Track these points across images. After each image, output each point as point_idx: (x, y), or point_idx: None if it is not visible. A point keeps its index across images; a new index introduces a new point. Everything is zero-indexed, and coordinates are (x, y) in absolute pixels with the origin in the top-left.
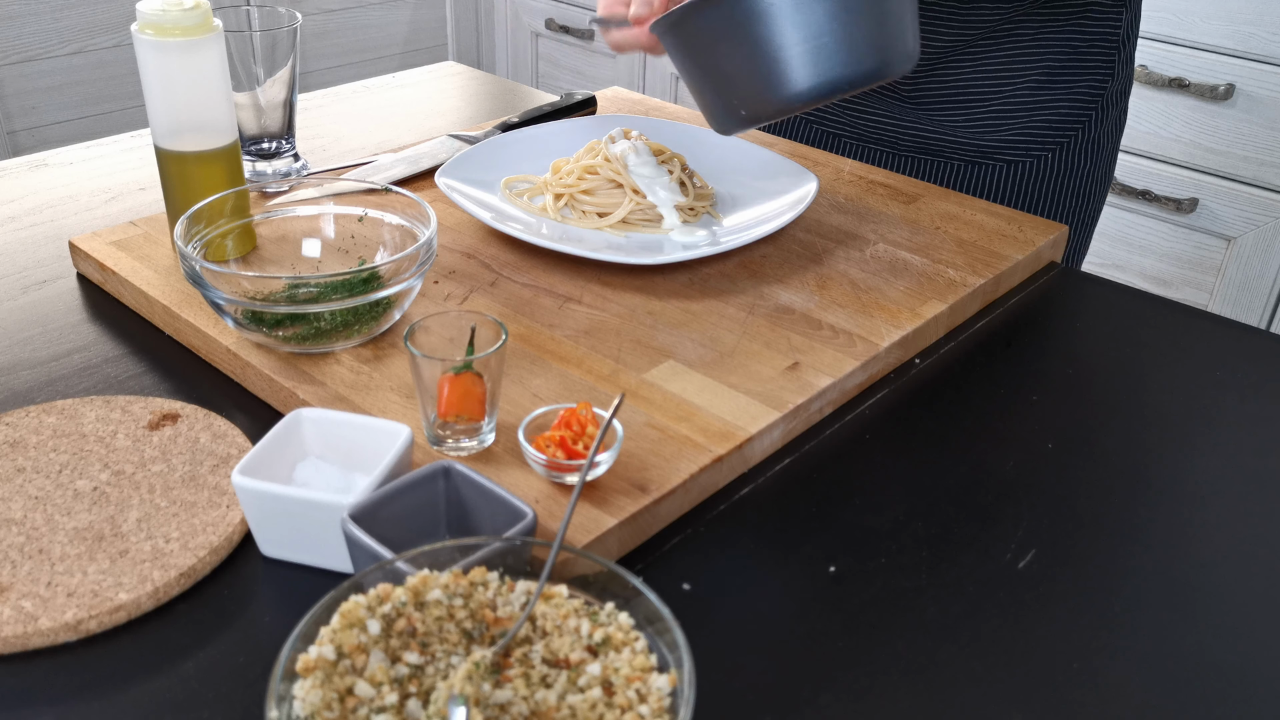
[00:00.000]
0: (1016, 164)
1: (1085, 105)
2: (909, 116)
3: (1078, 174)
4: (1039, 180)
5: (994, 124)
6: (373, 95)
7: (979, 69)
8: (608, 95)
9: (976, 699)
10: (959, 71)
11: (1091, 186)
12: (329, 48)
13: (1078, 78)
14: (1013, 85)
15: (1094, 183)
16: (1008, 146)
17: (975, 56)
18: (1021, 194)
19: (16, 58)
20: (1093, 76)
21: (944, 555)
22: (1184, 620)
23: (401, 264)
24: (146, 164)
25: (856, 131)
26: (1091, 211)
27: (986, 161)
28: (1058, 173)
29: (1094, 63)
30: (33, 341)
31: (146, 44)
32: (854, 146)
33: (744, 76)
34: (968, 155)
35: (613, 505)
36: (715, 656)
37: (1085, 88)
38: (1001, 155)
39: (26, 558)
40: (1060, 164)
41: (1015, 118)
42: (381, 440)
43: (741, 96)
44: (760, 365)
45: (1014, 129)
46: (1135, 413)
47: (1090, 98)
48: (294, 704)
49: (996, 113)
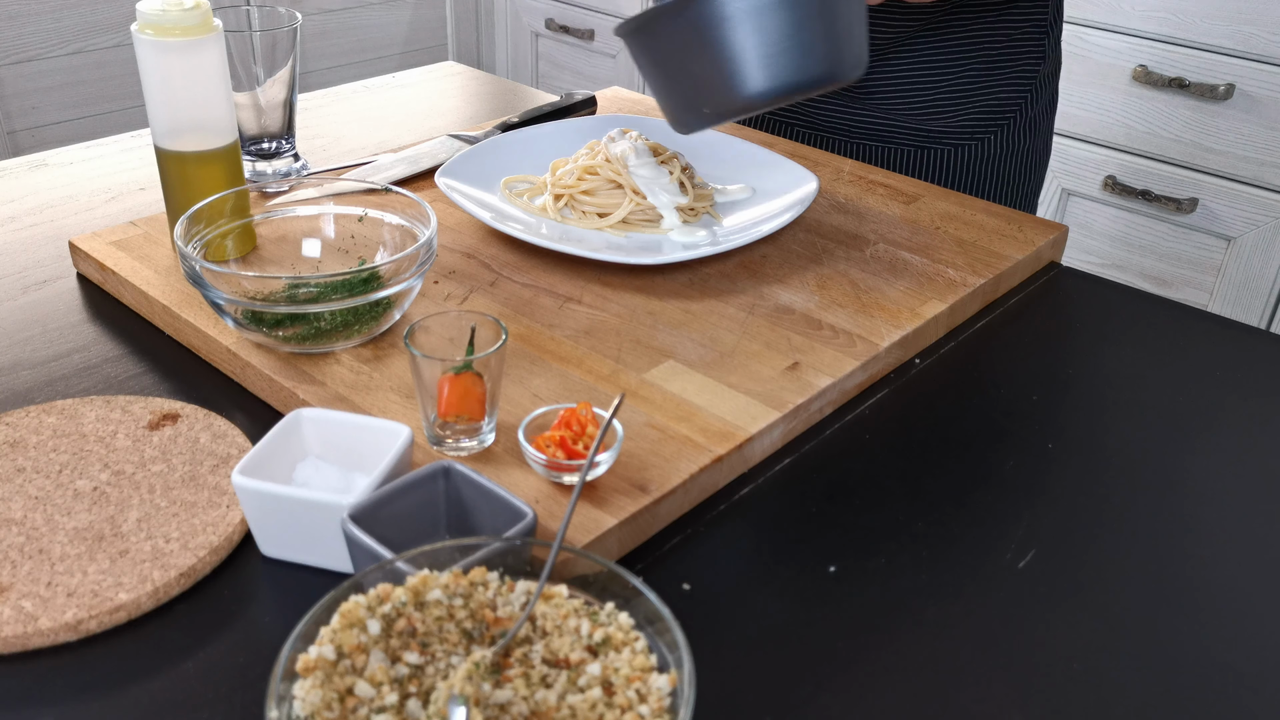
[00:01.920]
0: (963, 147)
1: (1021, 88)
2: (859, 105)
3: (1019, 153)
4: (984, 161)
5: (939, 110)
6: (373, 95)
7: (921, 60)
8: (608, 95)
9: (976, 699)
10: (903, 62)
11: (1032, 163)
12: (329, 48)
13: (1012, 63)
14: (954, 73)
15: (1034, 160)
16: (954, 131)
17: (917, 48)
18: (969, 175)
19: (16, 58)
20: (1026, 61)
21: (944, 555)
22: (1184, 620)
23: (401, 264)
24: (146, 164)
25: (810, 121)
26: (1033, 187)
27: (935, 146)
28: (1001, 153)
29: (1026, 48)
30: (33, 341)
31: (146, 44)
32: (810, 136)
33: (703, 79)
34: (917, 140)
35: (613, 505)
36: (715, 656)
37: (1020, 72)
38: (948, 139)
39: (26, 558)
40: (1002, 144)
41: (958, 103)
42: (381, 440)
43: (701, 98)
44: (760, 365)
45: (958, 114)
46: (1135, 413)
47: (1025, 81)
48: (294, 704)
49: (941, 99)
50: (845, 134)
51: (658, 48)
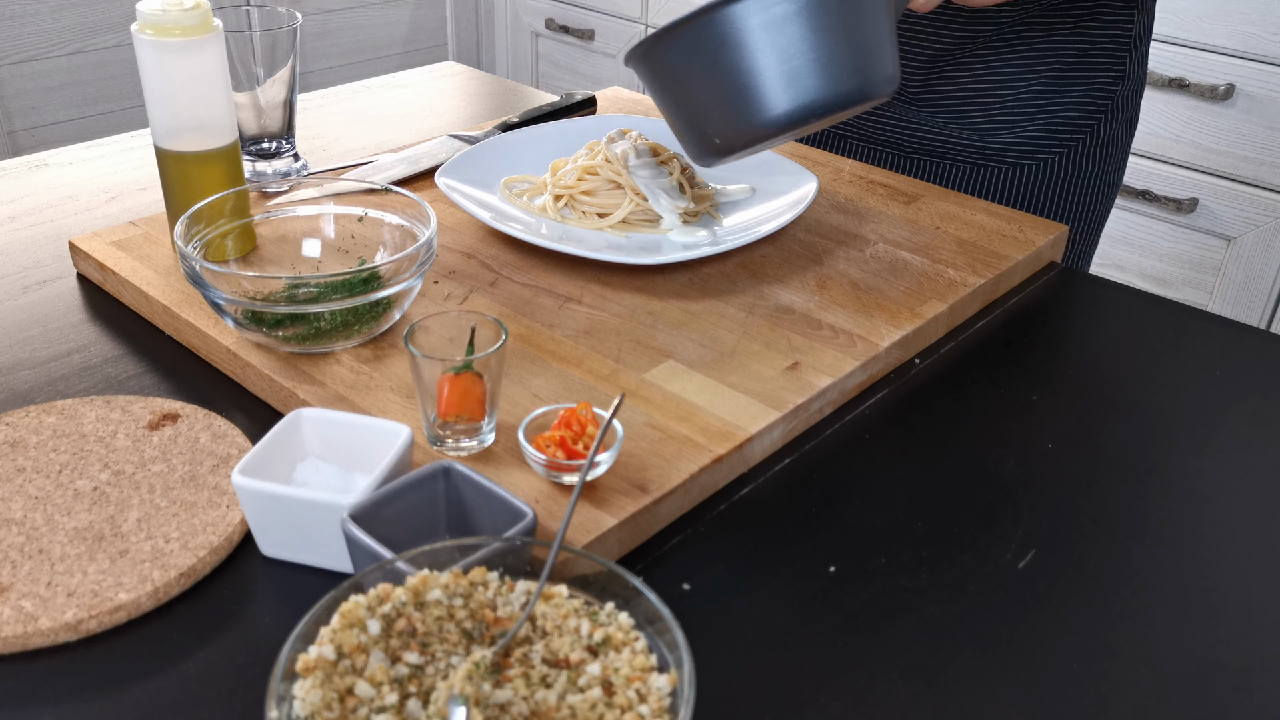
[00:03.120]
0: (1022, 166)
1: (1094, 108)
2: (914, 118)
3: (1085, 178)
4: (1045, 183)
5: (1000, 127)
6: (373, 95)
7: (986, 71)
8: (608, 95)
9: (976, 699)
10: (966, 74)
11: (1099, 191)
12: (329, 48)
13: (1087, 80)
14: (1020, 88)
15: (1102, 187)
16: (1014, 149)
17: (982, 59)
18: (1027, 197)
19: (16, 58)
20: (1102, 79)
21: (944, 555)
22: (1184, 620)
23: (401, 264)
24: (146, 164)
25: (861, 133)
26: (1099, 215)
27: (991, 164)
28: (1064, 176)
29: (1103, 65)
30: (33, 341)
31: (146, 44)
32: (858, 148)
33: (717, 104)
34: (973, 158)
35: (613, 505)
36: (715, 656)
37: (1094, 91)
38: (1007, 158)
39: (26, 558)
40: (1067, 167)
41: (1022, 121)
42: (381, 440)
43: (715, 125)
44: (760, 365)
45: (1020, 132)
46: (1135, 413)
47: (1100, 101)
48: (294, 704)
49: (1003, 115)
50: (898, 148)
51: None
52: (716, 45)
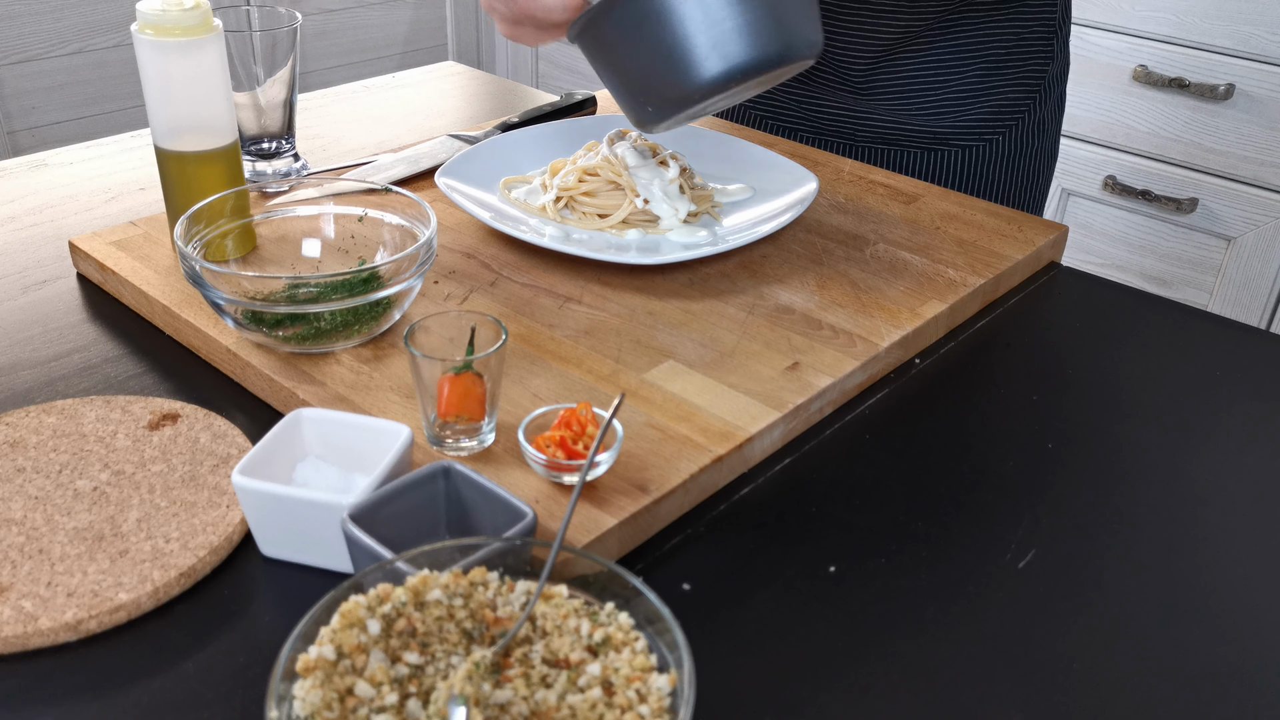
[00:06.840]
0: (969, 148)
1: (1029, 89)
2: (863, 107)
3: (1026, 154)
4: (991, 163)
5: (945, 111)
6: (373, 95)
7: (928, 59)
8: (607, 95)
9: (976, 699)
10: (909, 62)
11: (1039, 165)
12: (329, 48)
13: (1021, 63)
14: (961, 73)
15: (1041, 162)
16: (961, 132)
17: (923, 47)
18: (975, 177)
19: (16, 58)
20: (1034, 62)
21: (944, 555)
22: (1184, 620)
23: (401, 264)
24: (146, 164)
25: (814, 126)
26: (1041, 189)
27: (941, 148)
28: (1009, 155)
29: (1034, 48)
30: (33, 341)
31: (146, 44)
32: (814, 139)
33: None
34: (923, 142)
35: (613, 505)
36: (715, 656)
37: (1028, 73)
38: (955, 141)
39: (26, 558)
40: (1010, 146)
41: (965, 104)
42: (381, 440)
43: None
44: (760, 365)
45: (964, 115)
46: (1135, 413)
47: (1033, 82)
48: (294, 704)
49: (947, 100)
50: (850, 137)
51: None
52: (644, 15)
